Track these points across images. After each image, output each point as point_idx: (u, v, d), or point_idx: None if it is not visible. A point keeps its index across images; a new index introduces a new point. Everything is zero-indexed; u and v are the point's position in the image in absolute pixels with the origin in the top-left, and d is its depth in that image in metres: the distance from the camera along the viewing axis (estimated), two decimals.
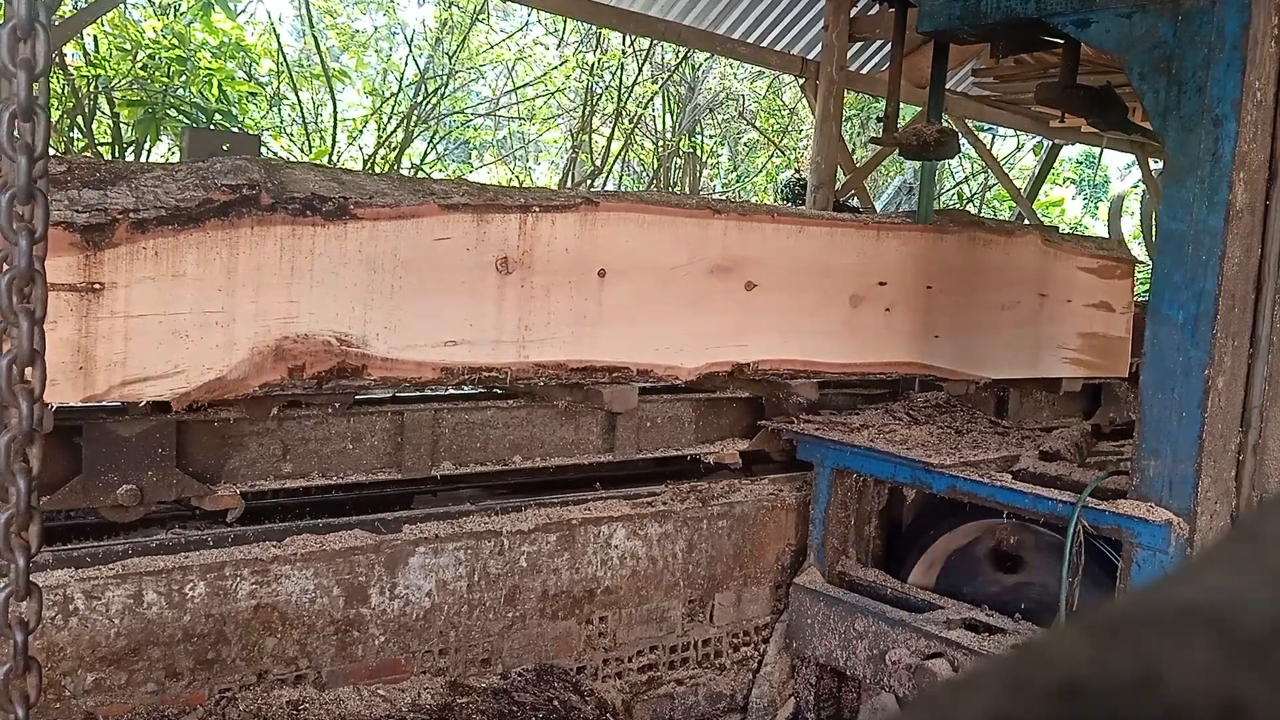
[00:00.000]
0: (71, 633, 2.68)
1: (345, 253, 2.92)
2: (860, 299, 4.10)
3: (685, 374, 3.69)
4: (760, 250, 3.80)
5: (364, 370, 2.98)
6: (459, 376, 3.18)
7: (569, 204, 3.35)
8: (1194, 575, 0.41)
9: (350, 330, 2.94)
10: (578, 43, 12.50)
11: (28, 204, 1.77)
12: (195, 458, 3.03)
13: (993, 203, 15.62)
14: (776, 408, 4.18)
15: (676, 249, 3.59)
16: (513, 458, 3.62)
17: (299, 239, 2.83)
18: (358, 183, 3.00)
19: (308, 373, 2.88)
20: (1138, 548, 3.15)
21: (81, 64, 7.95)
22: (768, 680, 4.04)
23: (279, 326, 2.82)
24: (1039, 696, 0.33)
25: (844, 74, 6.82)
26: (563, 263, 3.33)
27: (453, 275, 3.11)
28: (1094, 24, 3.33)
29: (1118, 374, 5.19)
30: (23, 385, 1.80)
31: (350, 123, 11.60)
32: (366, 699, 3.10)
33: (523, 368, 3.29)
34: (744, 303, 3.78)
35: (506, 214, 3.20)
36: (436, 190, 3.12)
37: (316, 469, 3.24)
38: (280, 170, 2.87)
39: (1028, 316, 4.68)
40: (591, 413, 3.77)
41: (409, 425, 3.37)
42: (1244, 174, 3.02)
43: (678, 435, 4.05)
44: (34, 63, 1.74)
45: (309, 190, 2.86)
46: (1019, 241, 4.66)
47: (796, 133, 14.32)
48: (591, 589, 3.60)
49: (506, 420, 3.61)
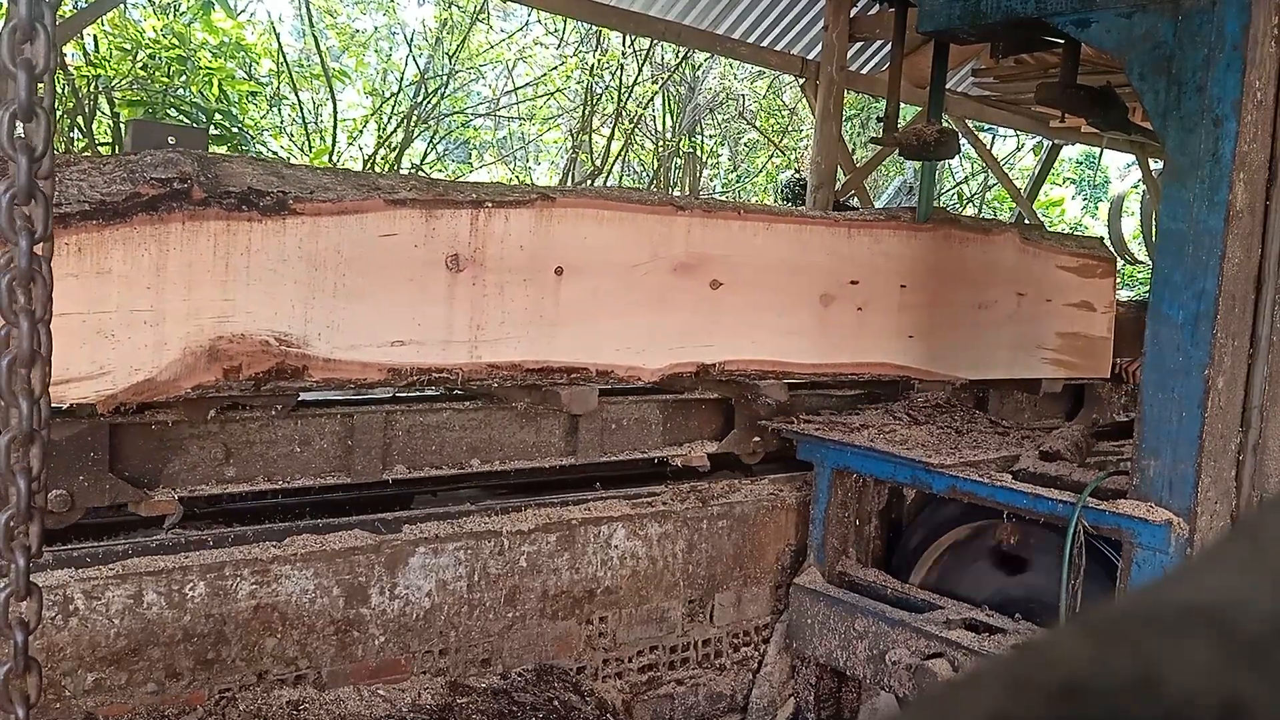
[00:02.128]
0: (71, 633, 2.68)
1: (284, 249, 2.81)
2: (831, 298, 4.02)
3: (648, 375, 3.59)
4: (726, 248, 3.72)
5: (305, 371, 2.88)
6: (407, 378, 3.08)
7: (524, 200, 3.26)
8: (1194, 575, 0.41)
9: (290, 330, 2.84)
10: (578, 43, 12.50)
11: (28, 204, 1.77)
12: (131, 461, 2.91)
13: (993, 203, 15.62)
14: (746, 409, 4.09)
15: (638, 246, 3.51)
16: (470, 461, 3.51)
17: (234, 235, 2.73)
18: (299, 177, 2.91)
19: (245, 374, 2.78)
20: (1138, 548, 3.15)
21: (81, 64, 7.95)
22: (768, 680, 4.04)
23: (213, 326, 2.73)
24: (1039, 696, 0.33)
25: (844, 74, 6.82)
26: (517, 260, 3.23)
27: (400, 273, 3.01)
28: (1094, 24, 3.33)
29: (1099, 374, 5.11)
30: (23, 385, 1.80)
31: (350, 123, 11.61)
32: (366, 699, 3.10)
33: (475, 368, 3.20)
34: (709, 302, 3.69)
35: (457, 210, 3.11)
36: (382, 185, 3.03)
37: (262, 473, 3.12)
38: (216, 164, 2.78)
39: (1005, 316, 4.60)
40: (553, 415, 3.66)
41: (359, 428, 3.27)
42: (1244, 174, 3.02)
43: (644, 437, 3.95)
44: (35, 63, 1.74)
45: (246, 184, 2.76)
46: (996, 240, 4.58)
47: (796, 133, 14.31)
48: (591, 589, 3.60)
49: (463, 422, 3.51)
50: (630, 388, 3.84)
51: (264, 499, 3.46)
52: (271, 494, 3.41)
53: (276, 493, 3.37)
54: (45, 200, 1.79)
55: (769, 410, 4.08)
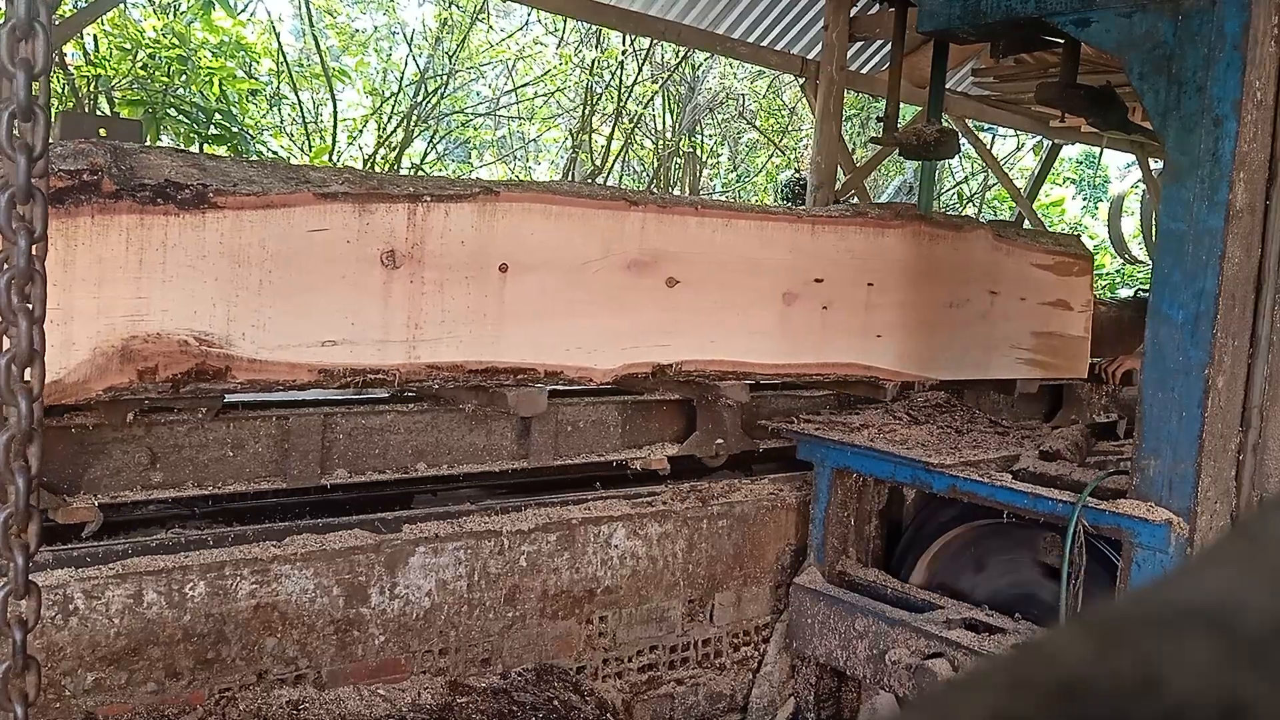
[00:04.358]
0: (71, 632, 2.68)
1: (204, 245, 2.67)
2: (795, 296, 3.90)
3: (600, 375, 3.47)
4: (683, 244, 3.60)
5: (228, 372, 2.74)
6: (340, 379, 2.94)
7: (465, 193, 3.11)
8: (1194, 575, 0.41)
9: (211, 329, 2.71)
10: (578, 42, 12.50)
11: (27, 204, 1.77)
12: (48, 467, 2.74)
13: (993, 203, 15.63)
14: (709, 410, 3.99)
15: (589, 242, 3.38)
16: (417, 465, 3.41)
17: (149, 229, 2.59)
18: (222, 169, 2.77)
19: (161, 375, 2.64)
20: (1138, 547, 3.16)
21: (81, 63, 7.95)
22: (768, 680, 4.04)
23: (126, 325, 2.60)
24: (1039, 696, 0.33)
25: (844, 74, 6.82)
26: (459, 256, 3.09)
27: (331, 269, 2.88)
28: (1094, 23, 3.33)
29: (1076, 375, 4.99)
30: (22, 385, 1.80)
31: (350, 122, 11.62)
32: (366, 699, 3.10)
33: (414, 369, 3.05)
34: (666, 300, 3.57)
35: (393, 203, 2.96)
36: (312, 178, 2.89)
37: (191, 478, 3.01)
38: (132, 155, 2.65)
39: (978, 315, 4.48)
40: (504, 417, 3.53)
41: (295, 431, 3.15)
42: (1244, 174, 3.02)
43: (602, 440, 3.82)
44: (33, 62, 1.74)
45: (163, 176, 2.63)
46: (968, 237, 4.46)
47: (796, 133, 14.32)
48: (591, 589, 3.60)
49: (409, 425, 3.39)
50: (588, 389, 3.71)
51: (264, 498, 3.46)
52: (242, 497, 3.27)
53: (209, 499, 3.21)
54: (43, 200, 1.79)
55: (736, 412, 3.97)
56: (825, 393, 4.47)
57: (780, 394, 4.34)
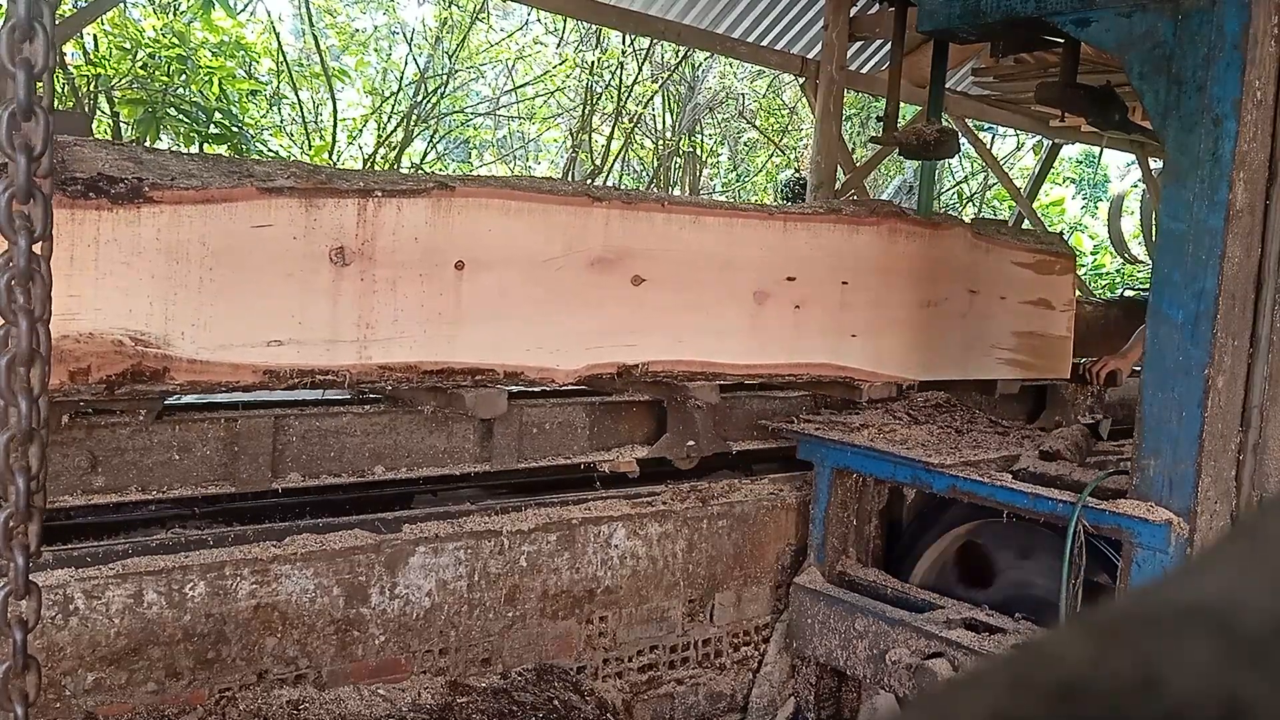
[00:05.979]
0: (71, 632, 2.68)
1: (139, 241, 2.58)
2: (766, 295, 3.81)
3: (562, 376, 3.36)
4: (649, 242, 3.51)
5: (166, 374, 2.64)
6: (287, 380, 2.84)
7: (418, 188, 3.02)
8: (1194, 575, 0.41)
9: (148, 329, 2.61)
10: (577, 42, 12.50)
11: (27, 203, 1.77)
12: None
13: (993, 202, 15.64)
14: (679, 411, 3.89)
15: (549, 240, 3.30)
16: (374, 468, 3.32)
17: (80, 225, 2.50)
18: (160, 162, 2.69)
19: (95, 376, 2.55)
20: (1138, 547, 3.16)
21: (81, 63, 7.95)
22: (768, 680, 4.04)
23: (56, 324, 2.48)
24: (1039, 696, 0.33)
25: (844, 73, 6.82)
26: (412, 254, 3.00)
27: (277, 267, 2.78)
28: (1094, 23, 3.33)
29: (1058, 375, 4.89)
30: (21, 384, 1.80)
31: (350, 122, 11.62)
32: (366, 699, 3.11)
33: (365, 370, 2.96)
34: (631, 299, 3.49)
35: (342, 199, 2.87)
36: (256, 172, 2.80)
37: (135, 482, 2.92)
38: (64, 149, 2.58)
39: (957, 314, 4.38)
40: (465, 419, 3.44)
41: (244, 433, 3.05)
42: (1244, 174, 3.02)
43: (568, 442, 3.72)
44: (34, 62, 1.74)
45: (95, 170, 2.54)
46: (946, 234, 4.36)
47: (796, 132, 14.32)
48: (591, 589, 3.60)
49: (365, 427, 3.30)
50: (554, 389, 3.62)
51: (264, 498, 3.46)
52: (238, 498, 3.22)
53: (154, 502, 3.12)
54: (44, 199, 1.79)
55: (707, 413, 3.85)
56: (798, 394, 4.35)
57: (753, 395, 4.24)
